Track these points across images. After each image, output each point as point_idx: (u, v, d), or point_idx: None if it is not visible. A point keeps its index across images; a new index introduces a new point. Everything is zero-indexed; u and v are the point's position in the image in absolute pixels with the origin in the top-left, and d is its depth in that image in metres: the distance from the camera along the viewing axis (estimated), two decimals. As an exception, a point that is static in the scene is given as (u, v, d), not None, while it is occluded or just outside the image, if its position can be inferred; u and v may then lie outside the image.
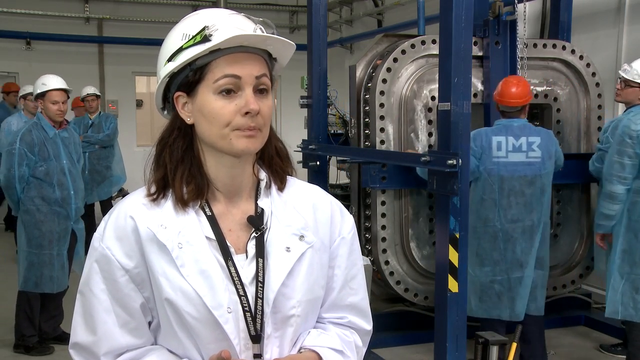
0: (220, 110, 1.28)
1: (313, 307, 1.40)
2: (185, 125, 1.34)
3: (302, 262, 1.35)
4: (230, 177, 1.36)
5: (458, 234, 3.28)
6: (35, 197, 4.49)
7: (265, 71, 1.32)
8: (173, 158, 1.34)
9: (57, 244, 4.57)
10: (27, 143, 4.45)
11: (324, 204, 1.45)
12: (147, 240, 1.30)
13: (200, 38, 1.28)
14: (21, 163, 4.43)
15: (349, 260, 1.46)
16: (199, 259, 1.30)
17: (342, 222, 1.46)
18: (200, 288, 1.28)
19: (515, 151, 4.10)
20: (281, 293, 1.32)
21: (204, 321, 1.28)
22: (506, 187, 4.09)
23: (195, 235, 1.31)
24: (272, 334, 1.33)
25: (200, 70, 1.29)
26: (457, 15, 3.14)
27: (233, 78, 1.28)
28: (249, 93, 1.28)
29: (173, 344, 1.34)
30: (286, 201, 1.40)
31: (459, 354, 3.39)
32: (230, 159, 1.33)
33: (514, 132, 4.12)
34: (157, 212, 1.32)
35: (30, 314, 4.68)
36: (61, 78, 4.66)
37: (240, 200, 1.38)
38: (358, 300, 1.48)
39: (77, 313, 1.37)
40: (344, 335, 1.45)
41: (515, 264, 4.14)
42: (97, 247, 1.33)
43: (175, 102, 1.34)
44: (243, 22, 1.32)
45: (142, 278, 1.32)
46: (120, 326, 1.32)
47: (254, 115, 1.28)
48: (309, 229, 1.38)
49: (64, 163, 4.57)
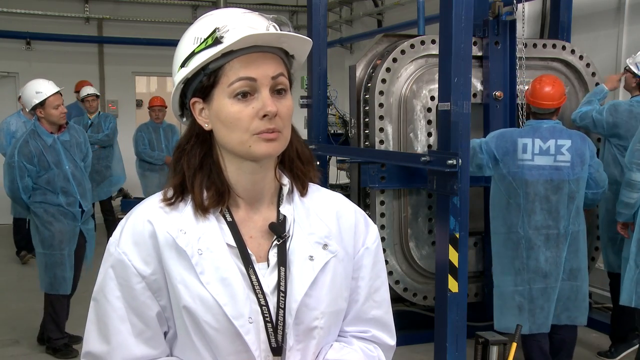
0: (237, 115, 1.22)
1: (336, 319, 1.34)
2: (203, 131, 1.29)
3: (326, 272, 1.30)
4: (252, 183, 1.31)
5: (458, 234, 3.28)
6: (42, 202, 4.52)
7: (282, 70, 1.26)
8: (191, 165, 1.29)
9: (67, 244, 4.57)
10: (25, 155, 4.41)
11: (348, 213, 1.39)
12: (165, 245, 1.25)
13: (211, 41, 1.22)
14: (22, 175, 4.42)
15: (373, 272, 1.40)
16: (220, 266, 1.24)
17: (367, 232, 1.40)
18: (221, 297, 1.22)
19: (542, 154, 3.89)
20: (304, 303, 1.27)
21: (223, 331, 1.23)
22: (531, 191, 3.89)
23: (215, 241, 1.26)
24: (294, 346, 1.28)
25: (214, 74, 1.24)
26: (457, 15, 3.14)
27: (248, 81, 1.22)
28: (266, 95, 1.23)
29: (190, 355, 1.28)
30: (309, 208, 1.35)
31: (459, 354, 3.39)
32: (251, 164, 1.28)
33: (542, 134, 3.92)
34: (176, 216, 1.27)
35: (55, 317, 4.67)
36: (48, 80, 4.58)
37: (262, 206, 1.33)
38: (382, 313, 1.42)
39: (90, 321, 1.31)
40: (367, 349, 1.39)
41: (539, 274, 3.93)
42: (113, 252, 1.28)
43: (192, 109, 1.29)
44: (256, 20, 1.26)
45: (159, 285, 1.26)
46: (135, 336, 1.26)
47: (272, 117, 1.22)
48: (332, 237, 1.33)
49: (66, 169, 4.55)
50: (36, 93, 4.47)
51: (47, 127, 4.53)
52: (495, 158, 3.99)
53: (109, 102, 10.51)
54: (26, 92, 4.55)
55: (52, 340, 4.69)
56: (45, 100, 4.45)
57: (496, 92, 4.75)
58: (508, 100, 4.78)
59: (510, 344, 3.69)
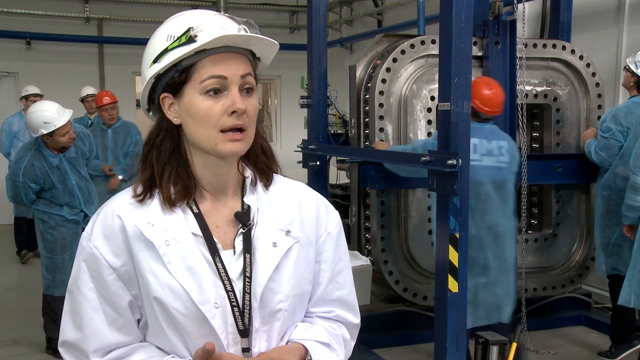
0: (208, 111, 1.29)
1: (300, 302, 1.42)
2: (172, 126, 1.35)
3: (289, 257, 1.37)
4: (217, 176, 1.38)
5: (458, 234, 3.28)
6: (46, 210, 4.55)
7: (250, 70, 1.34)
8: (160, 159, 1.36)
9: (69, 248, 4.57)
10: (30, 178, 4.38)
11: (310, 200, 1.47)
12: (134, 238, 1.31)
13: (185, 39, 1.29)
14: (27, 193, 4.44)
15: (335, 255, 1.48)
16: (186, 255, 1.31)
17: (328, 218, 1.48)
18: (188, 284, 1.29)
19: (488, 155, 3.95)
20: (268, 287, 1.34)
21: (191, 317, 1.30)
22: (482, 191, 3.95)
23: (181, 232, 1.33)
24: (260, 328, 1.35)
25: (186, 71, 1.30)
26: (457, 15, 3.13)
27: (219, 78, 1.29)
28: (235, 92, 1.30)
29: (161, 340, 1.35)
30: (272, 198, 1.43)
31: (459, 354, 3.38)
32: (217, 159, 1.35)
33: (485, 134, 3.97)
34: (144, 210, 1.34)
35: (54, 317, 4.66)
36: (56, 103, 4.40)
37: (227, 198, 1.40)
38: (345, 294, 1.50)
39: (65, 312, 1.39)
40: (331, 328, 1.47)
41: (486, 271, 3.99)
42: (85, 247, 1.35)
43: (162, 104, 1.35)
44: (227, 22, 1.34)
45: (129, 276, 1.33)
46: (108, 324, 1.33)
47: (241, 114, 1.30)
48: (294, 224, 1.40)
49: (72, 184, 4.55)
50: (44, 123, 4.26)
51: (52, 149, 4.46)
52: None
53: (109, 102, 10.50)
54: (33, 121, 4.30)
55: (52, 340, 4.70)
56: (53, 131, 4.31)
57: (496, 92, 4.74)
58: (508, 100, 4.78)
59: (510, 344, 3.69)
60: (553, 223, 5.23)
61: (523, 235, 5.03)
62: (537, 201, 5.39)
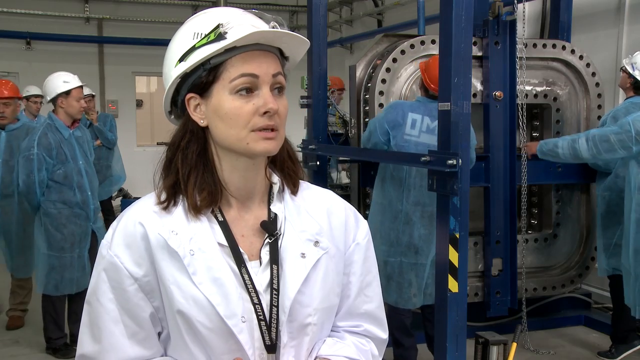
0: (238, 111, 1.23)
1: (329, 315, 1.36)
2: (198, 128, 1.29)
3: (318, 269, 1.31)
4: (244, 181, 1.32)
5: (458, 234, 3.28)
6: (57, 200, 4.47)
7: (280, 69, 1.28)
8: (186, 163, 1.29)
9: (78, 246, 4.55)
10: (45, 147, 4.38)
11: (339, 209, 1.41)
12: (157, 247, 1.25)
13: (214, 36, 1.23)
14: (40, 168, 4.38)
15: (364, 267, 1.42)
16: (212, 266, 1.25)
17: (357, 228, 1.42)
18: (213, 296, 1.23)
19: (428, 132, 3.90)
20: (297, 301, 1.28)
21: (217, 331, 1.23)
22: (414, 167, 3.92)
23: (207, 242, 1.26)
24: (288, 343, 1.29)
25: (215, 70, 1.24)
26: (457, 15, 3.13)
27: (250, 77, 1.23)
28: (267, 92, 1.24)
29: (184, 355, 1.28)
30: (300, 206, 1.36)
31: (459, 354, 3.38)
32: (245, 161, 1.29)
33: (431, 112, 3.89)
34: (167, 218, 1.27)
35: (56, 317, 4.67)
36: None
37: (253, 205, 1.34)
38: (373, 308, 1.44)
39: (83, 324, 1.32)
40: (360, 344, 1.41)
41: (411, 249, 4.00)
42: (105, 255, 1.28)
43: (187, 105, 1.28)
44: (256, 20, 1.28)
45: (151, 287, 1.27)
46: (129, 337, 1.27)
47: (273, 114, 1.24)
48: (323, 234, 1.34)
49: (80, 164, 4.54)
50: (63, 82, 4.52)
51: (64, 120, 4.52)
52: (387, 132, 3.99)
53: (109, 102, 10.52)
54: (52, 80, 4.55)
55: (52, 340, 4.69)
56: (70, 90, 4.50)
57: (496, 92, 4.74)
58: (508, 100, 4.78)
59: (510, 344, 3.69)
60: (553, 223, 5.23)
61: (523, 235, 5.04)
62: (537, 201, 5.39)
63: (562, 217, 5.23)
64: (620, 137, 4.12)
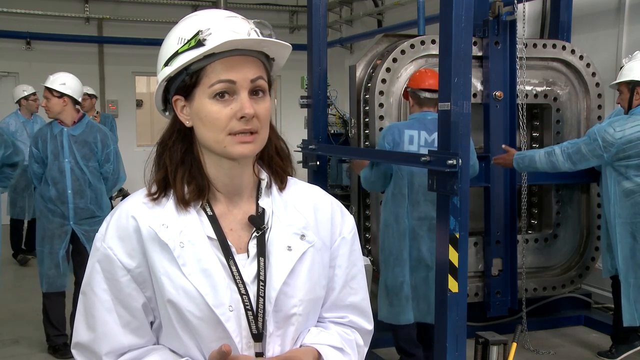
0: (216, 115, 1.28)
1: (314, 307, 1.41)
2: (184, 127, 1.35)
3: (304, 262, 1.36)
4: (230, 178, 1.37)
5: (458, 234, 3.28)
6: (39, 192, 4.60)
7: (262, 73, 1.32)
8: (173, 160, 1.35)
9: (49, 242, 4.53)
10: (34, 140, 4.59)
11: (325, 204, 1.46)
12: (148, 239, 1.31)
13: (194, 42, 1.28)
14: (30, 160, 4.57)
15: (350, 260, 1.47)
16: (201, 258, 1.30)
17: (343, 222, 1.47)
18: (202, 287, 1.28)
19: (427, 146, 3.89)
20: (283, 292, 1.33)
21: (205, 320, 1.29)
22: (416, 182, 3.94)
23: (196, 234, 1.32)
24: (274, 332, 1.34)
25: (196, 75, 1.29)
26: (457, 15, 3.13)
27: (228, 83, 1.28)
28: (244, 97, 1.29)
29: (175, 343, 1.34)
30: (287, 201, 1.42)
31: (459, 354, 3.38)
32: (229, 162, 1.34)
33: (427, 126, 3.97)
34: (158, 211, 1.33)
35: (48, 314, 4.68)
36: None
37: (241, 201, 1.39)
38: (359, 300, 1.49)
39: (79, 313, 1.38)
40: (344, 333, 1.46)
41: (421, 263, 3.99)
42: (99, 247, 1.34)
43: (174, 106, 1.35)
44: (239, 24, 1.32)
45: (144, 278, 1.32)
46: (122, 326, 1.33)
47: (250, 119, 1.28)
48: (310, 228, 1.39)
49: (64, 162, 4.49)
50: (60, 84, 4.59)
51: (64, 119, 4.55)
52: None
53: (109, 102, 10.51)
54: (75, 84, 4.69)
55: (50, 337, 4.70)
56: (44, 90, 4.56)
57: (496, 92, 4.75)
58: (508, 100, 4.78)
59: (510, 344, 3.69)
60: (553, 223, 5.23)
61: (523, 235, 5.04)
62: (537, 201, 5.39)
63: (562, 217, 5.23)
64: (590, 147, 4.19)
